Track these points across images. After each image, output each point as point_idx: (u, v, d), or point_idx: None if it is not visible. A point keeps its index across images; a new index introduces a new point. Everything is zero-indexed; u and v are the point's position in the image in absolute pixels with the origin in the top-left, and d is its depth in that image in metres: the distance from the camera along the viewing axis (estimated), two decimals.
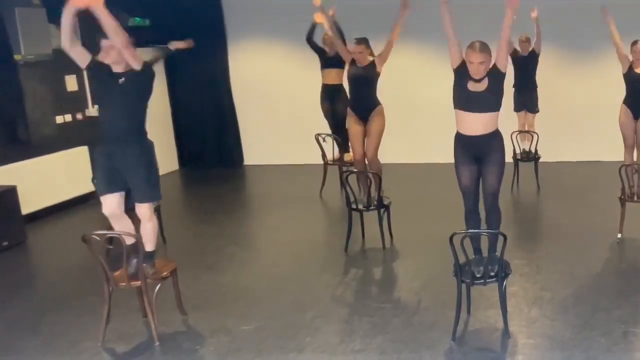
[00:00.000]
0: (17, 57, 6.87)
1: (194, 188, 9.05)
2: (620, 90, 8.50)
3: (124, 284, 4.05)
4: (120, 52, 3.94)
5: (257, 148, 10.00)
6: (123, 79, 3.98)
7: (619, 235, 5.71)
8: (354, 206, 5.73)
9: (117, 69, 4.02)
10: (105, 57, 4.00)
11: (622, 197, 5.70)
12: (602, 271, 5.13)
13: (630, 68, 6.07)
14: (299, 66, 9.61)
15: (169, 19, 9.21)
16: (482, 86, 4.00)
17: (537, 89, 7.98)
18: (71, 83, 7.94)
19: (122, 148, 4.01)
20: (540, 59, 8.96)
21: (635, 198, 5.68)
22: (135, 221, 4.26)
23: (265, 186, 8.84)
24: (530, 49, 7.85)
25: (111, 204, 4.10)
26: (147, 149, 4.13)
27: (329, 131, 7.87)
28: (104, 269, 3.98)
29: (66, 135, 7.46)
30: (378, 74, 6.03)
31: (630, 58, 6.07)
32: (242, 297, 4.80)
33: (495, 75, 4.03)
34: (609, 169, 6.58)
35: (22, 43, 6.80)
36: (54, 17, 7.27)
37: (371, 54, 6.08)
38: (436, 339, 4.01)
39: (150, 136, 4.21)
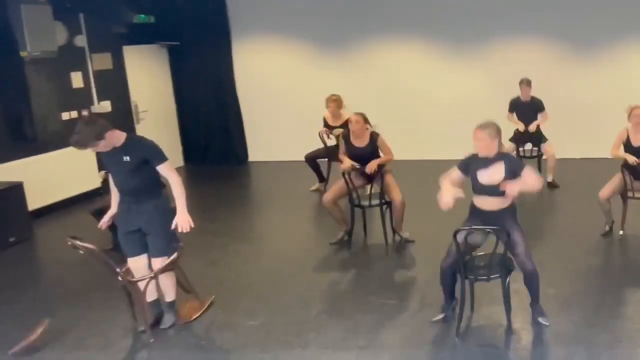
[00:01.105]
0: (22, 53, 6.91)
1: (198, 184, 9.08)
2: (624, 87, 8.53)
3: (131, 278, 4.11)
4: (101, 146, 3.89)
5: (262, 145, 10.04)
6: (128, 157, 3.95)
7: (621, 232, 5.74)
8: (356, 202, 5.76)
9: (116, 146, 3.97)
10: (97, 149, 3.95)
11: (624, 193, 5.71)
12: (605, 267, 5.14)
13: (628, 141, 5.63)
14: (303, 62, 9.64)
15: (174, 16, 9.25)
16: (495, 177, 3.93)
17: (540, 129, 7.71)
18: (77, 80, 8.00)
19: (138, 204, 4.05)
20: (545, 55, 8.96)
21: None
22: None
23: (269, 183, 8.87)
24: (531, 95, 7.59)
25: (136, 266, 4.14)
26: (161, 203, 4.14)
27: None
28: (112, 268, 4.05)
29: (72, 132, 7.52)
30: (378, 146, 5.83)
31: (628, 126, 5.69)
32: (247, 293, 4.84)
33: (510, 175, 3.95)
34: (611, 165, 6.57)
35: (28, 40, 6.83)
36: (59, 14, 7.33)
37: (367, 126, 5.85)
38: (440, 335, 4.04)
39: (155, 132, 4.24)
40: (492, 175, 3.96)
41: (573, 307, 4.38)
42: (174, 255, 4.20)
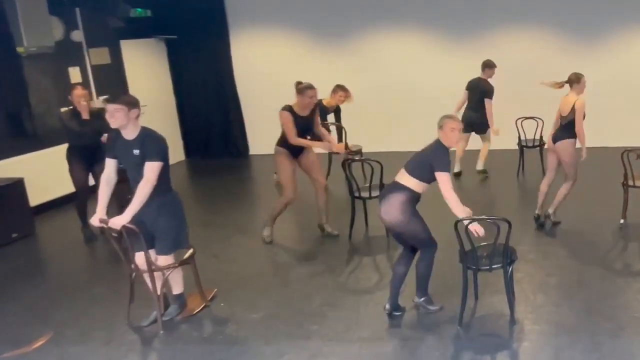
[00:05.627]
0: (19, 49, 6.86)
1: (200, 178, 9.08)
2: (626, 76, 8.50)
3: (144, 269, 4.12)
4: (126, 115, 3.87)
5: (263, 137, 9.95)
6: (138, 151, 3.93)
7: (622, 221, 5.74)
8: (356, 194, 5.76)
9: (128, 135, 3.96)
10: (110, 119, 3.90)
11: (625, 182, 5.71)
12: (606, 257, 5.14)
13: None
14: (302, 53, 9.60)
15: (170, 10, 9.20)
16: None
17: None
18: (75, 75, 7.96)
19: (146, 201, 3.98)
20: (543, 42, 8.92)
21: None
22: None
23: (271, 175, 8.84)
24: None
25: (140, 261, 4.11)
26: (169, 201, 4.09)
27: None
28: (126, 256, 4.08)
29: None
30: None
31: None
32: (250, 286, 4.84)
33: None
34: (612, 154, 6.57)
35: (24, 35, 6.76)
36: (55, 9, 7.28)
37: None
38: (443, 325, 4.04)
39: (156, 127, 4.19)
40: None
41: (575, 296, 4.39)
42: (190, 251, 4.33)
